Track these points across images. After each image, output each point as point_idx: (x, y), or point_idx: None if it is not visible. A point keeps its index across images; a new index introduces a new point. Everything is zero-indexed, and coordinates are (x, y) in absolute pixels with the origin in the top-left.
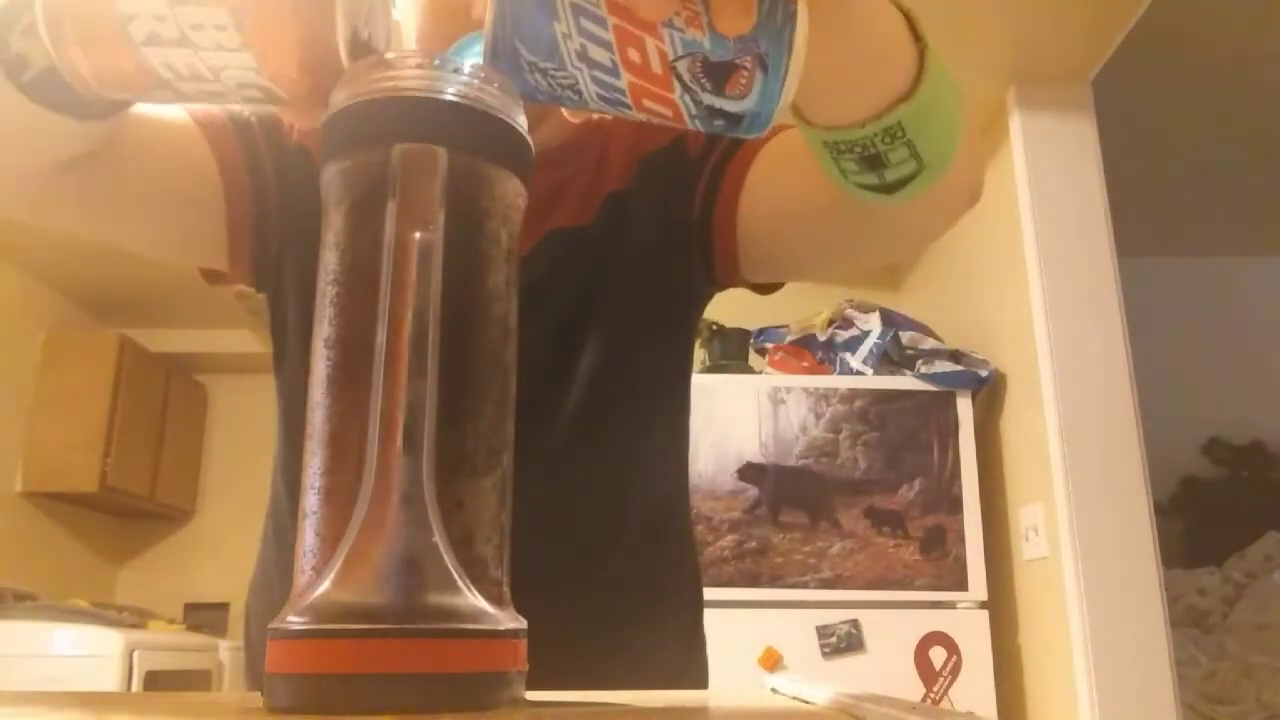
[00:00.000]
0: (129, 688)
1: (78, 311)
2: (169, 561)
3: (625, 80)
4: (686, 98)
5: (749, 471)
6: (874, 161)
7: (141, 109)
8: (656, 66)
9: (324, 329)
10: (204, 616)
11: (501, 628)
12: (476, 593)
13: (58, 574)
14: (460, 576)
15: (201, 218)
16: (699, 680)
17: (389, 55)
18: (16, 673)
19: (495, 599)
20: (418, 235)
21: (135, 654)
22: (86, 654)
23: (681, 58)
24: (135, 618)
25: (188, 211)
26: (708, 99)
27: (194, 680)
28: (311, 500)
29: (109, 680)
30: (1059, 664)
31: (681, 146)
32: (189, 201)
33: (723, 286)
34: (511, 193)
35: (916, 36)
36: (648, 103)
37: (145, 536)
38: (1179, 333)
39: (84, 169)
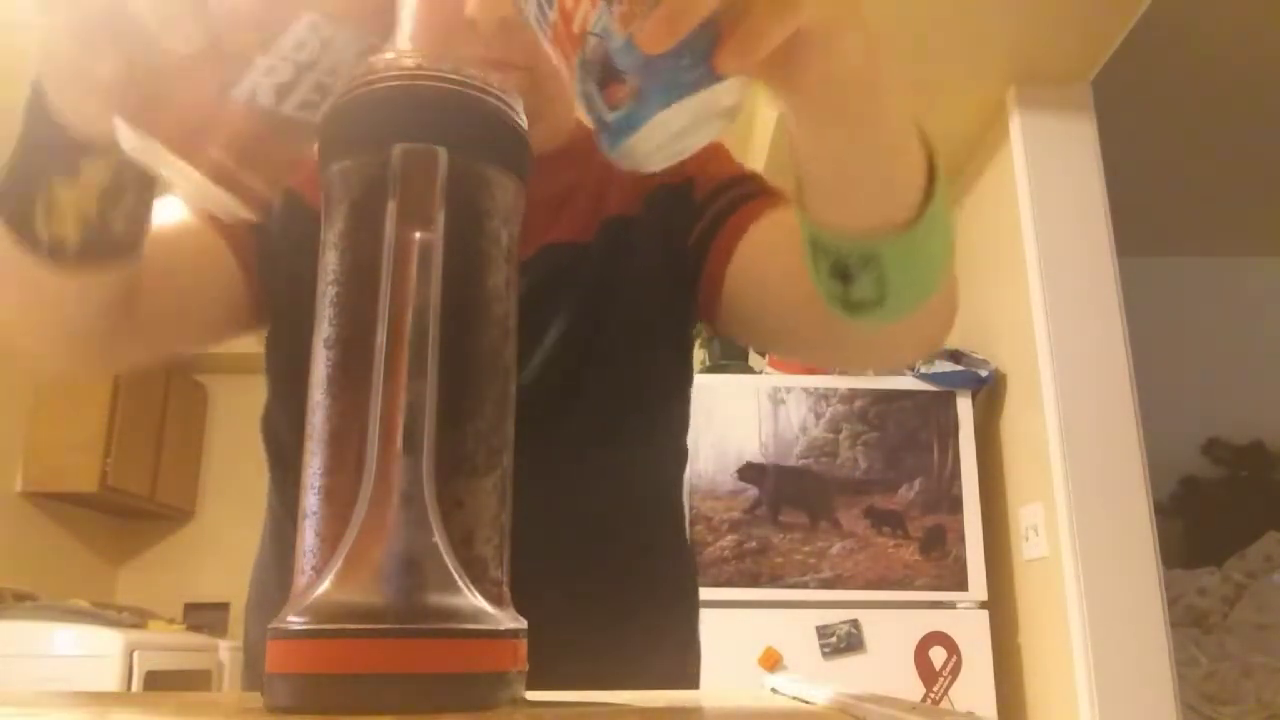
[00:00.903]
0: (129, 688)
1: None
2: (169, 561)
3: (553, 15)
4: (581, 71)
5: (749, 471)
6: (843, 275)
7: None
8: (576, 25)
9: (324, 329)
10: (204, 616)
11: (501, 628)
12: (476, 593)
13: (58, 574)
14: (460, 576)
15: (232, 304)
16: (689, 687)
17: (389, 55)
18: (16, 673)
19: (495, 599)
20: (418, 235)
21: (135, 654)
22: (86, 654)
23: (594, 35)
24: (135, 618)
25: (220, 306)
26: (589, 87)
27: (194, 680)
28: (311, 500)
29: (109, 680)
30: (1059, 664)
31: (690, 187)
32: (219, 298)
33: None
34: (511, 193)
35: (932, 178)
36: (556, 49)
37: (145, 536)
38: (1179, 333)
39: (121, 307)
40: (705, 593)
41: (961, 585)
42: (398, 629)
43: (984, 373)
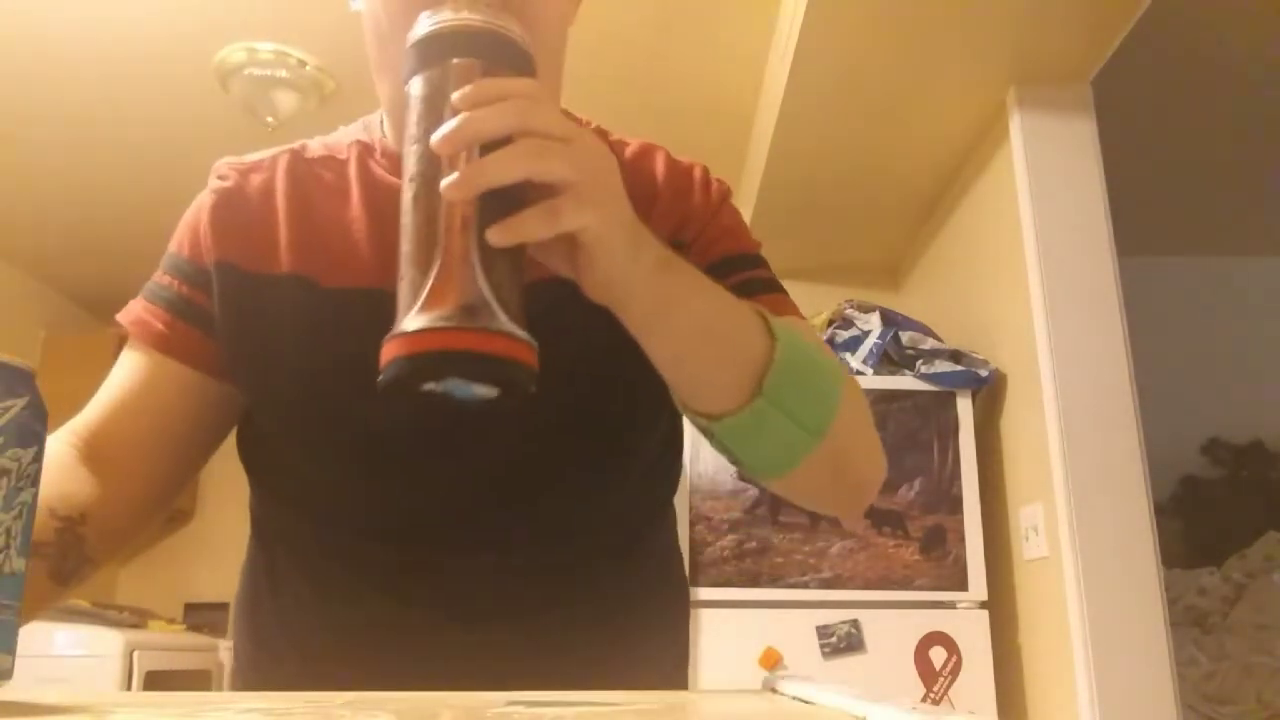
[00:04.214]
0: (129, 688)
1: (78, 311)
2: (169, 561)
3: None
4: None
5: None
6: (705, 431)
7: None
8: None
9: (410, 167)
10: (204, 616)
11: (519, 335)
12: (506, 317)
13: None
14: (496, 307)
15: (221, 408)
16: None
17: (446, 10)
18: (16, 673)
19: (519, 324)
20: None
21: (135, 654)
22: (86, 654)
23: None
24: (135, 618)
25: (217, 413)
26: None
27: (194, 680)
28: (406, 267)
29: (109, 680)
30: (1059, 664)
31: (682, 250)
32: (213, 410)
33: None
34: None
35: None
36: None
37: (145, 536)
38: (1179, 333)
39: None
40: (705, 593)
41: (961, 585)
42: (462, 325)
43: (984, 373)
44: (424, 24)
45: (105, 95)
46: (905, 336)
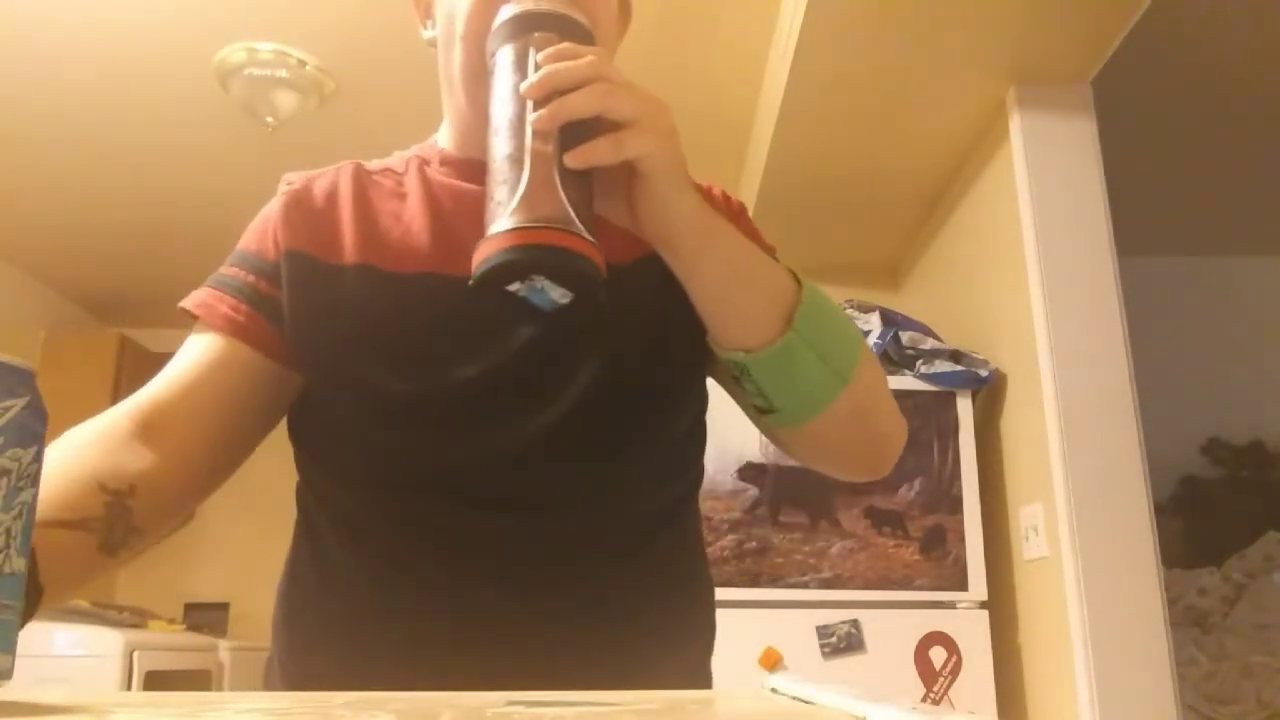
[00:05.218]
0: (129, 688)
1: (78, 311)
2: (169, 561)
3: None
4: None
5: (749, 471)
6: (737, 380)
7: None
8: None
9: (496, 115)
10: (204, 616)
11: (591, 239)
12: (581, 226)
13: None
14: (575, 216)
15: (277, 391)
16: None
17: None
18: (16, 673)
19: (590, 232)
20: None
21: (135, 654)
22: (86, 654)
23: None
24: (135, 618)
25: (269, 399)
26: None
27: (194, 680)
28: (493, 183)
29: (109, 680)
30: (1059, 664)
31: None
32: (267, 394)
33: None
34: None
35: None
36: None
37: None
38: (1179, 333)
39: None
40: None
41: (961, 585)
42: (550, 225)
43: (984, 373)
44: (509, 9)
45: (105, 95)
46: (905, 336)
